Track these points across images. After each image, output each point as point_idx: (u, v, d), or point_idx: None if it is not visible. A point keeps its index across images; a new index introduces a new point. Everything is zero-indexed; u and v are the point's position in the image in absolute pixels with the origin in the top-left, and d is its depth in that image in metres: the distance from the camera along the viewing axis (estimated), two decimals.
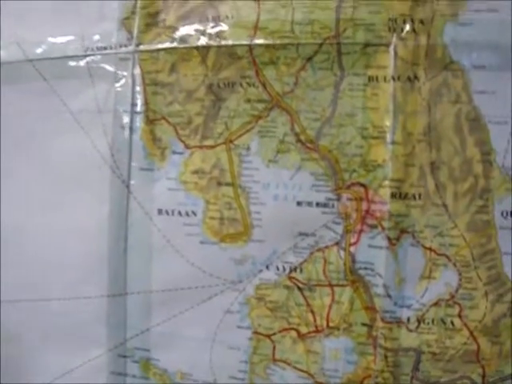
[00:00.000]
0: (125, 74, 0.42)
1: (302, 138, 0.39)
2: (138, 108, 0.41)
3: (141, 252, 0.41)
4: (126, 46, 0.42)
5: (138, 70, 0.41)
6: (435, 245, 0.37)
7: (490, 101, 0.37)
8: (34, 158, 0.44)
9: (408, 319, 0.38)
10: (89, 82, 0.42)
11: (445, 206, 0.37)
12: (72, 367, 0.44)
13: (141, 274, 0.41)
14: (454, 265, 0.37)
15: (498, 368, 0.37)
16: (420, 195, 0.37)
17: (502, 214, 0.37)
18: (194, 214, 0.40)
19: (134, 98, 0.42)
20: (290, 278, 0.39)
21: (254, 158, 0.40)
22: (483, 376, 0.37)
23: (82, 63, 0.42)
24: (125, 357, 0.42)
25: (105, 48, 0.42)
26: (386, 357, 0.38)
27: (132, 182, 0.42)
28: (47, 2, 0.44)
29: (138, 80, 0.41)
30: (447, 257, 0.37)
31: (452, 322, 0.37)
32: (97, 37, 0.42)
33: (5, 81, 0.44)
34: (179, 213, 0.41)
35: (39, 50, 0.43)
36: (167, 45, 0.41)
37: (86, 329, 0.43)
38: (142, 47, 0.41)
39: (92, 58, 0.42)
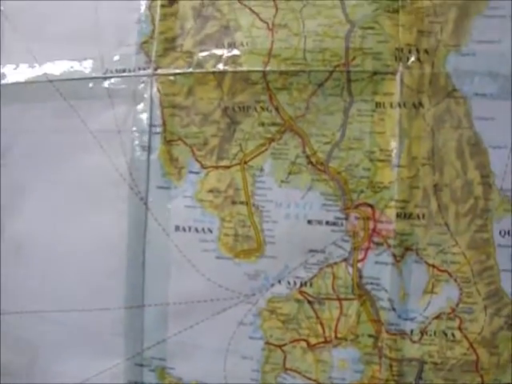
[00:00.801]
0: (143, 96, 0.43)
1: (313, 160, 0.41)
2: (156, 129, 0.43)
3: (158, 266, 0.43)
4: (144, 69, 0.43)
5: (156, 93, 0.43)
6: (437, 262, 0.40)
7: (489, 127, 0.39)
8: (55, 176, 0.45)
9: (411, 331, 0.40)
10: (108, 102, 0.44)
11: (447, 225, 0.39)
12: (89, 376, 0.45)
13: (158, 287, 0.43)
14: (455, 280, 0.39)
15: (496, 377, 0.39)
16: (424, 215, 0.40)
17: (500, 233, 0.39)
18: (210, 230, 0.42)
19: (152, 119, 0.43)
20: (301, 292, 0.41)
21: (267, 178, 0.41)
22: None
23: (102, 85, 0.44)
24: (142, 366, 0.44)
25: (124, 71, 0.44)
26: (390, 366, 0.40)
27: (150, 200, 0.43)
28: (68, 26, 0.45)
29: (156, 102, 0.43)
30: (449, 273, 0.40)
31: (453, 334, 0.39)
32: (116, 59, 0.44)
33: (26, 100, 0.46)
34: (196, 229, 0.43)
35: (60, 72, 0.45)
36: (184, 69, 0.43)
37: (103, 339, 0.44)
38: (159, 71, 0.43)
39: (111, 80, 0.44)
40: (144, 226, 0.43)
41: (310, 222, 0.41)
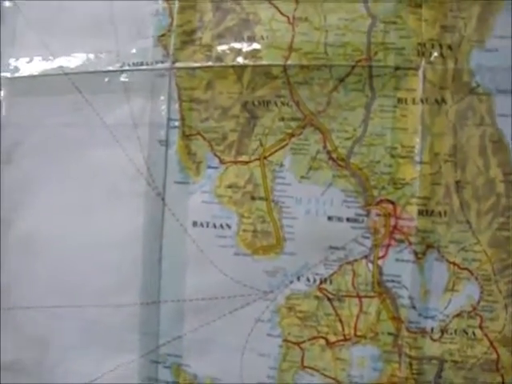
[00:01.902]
0: (161, 89, 0.42)
1: (334, 155, 0.40)
2: (174, 123, 0.42)
3: (175, 262, 0.42)
4: (162, 62, 0.42)
5: (174, 87, 0.42)
6: (459, 259, 0.39)
7: None
8: (69, 170, 0.44)
9: (432, 329, 0.39)
10: (124, 96, 0.43)
11: (468, 222, 0.39)
12: (103, 371, 0.44)
13: (174, 283, 0.42)
14: (476, 278, 0.39)
15: None
16: (445, 212, 0.39)
17: None
18: (228, 226, 0.41)
19: (170, 113, 0.42)
20: (320, 289, 0.40)
21: (287, 173, 0.40)
22: None
23: (118, 78, 0.43)
24: (157, 362, 0.43)
25: (141, 64, 0.43)
26: (410, 365, 0.39)
27: (167, 195, 0.42)
28: (83, 18, 0.44)
29: (175, 96, 0.42)
30: (470, 271, 0.39)
31: (473, 333, 0.39)
32: (133, 52, 0.43)
33: (40, 93, 0.45)
34: (214, 225, 0.41)
35: (75, 64, 0.44)
36: (203, 63, 0.42)
37: (118, 335, 0.43)
38: (178, 64, 0.42)
39: (128, 73, 0.43)
40: (161, 222, 0.42)
41: (330, 218, 0.40)
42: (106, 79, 0.43)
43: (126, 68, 0.43)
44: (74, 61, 0.44)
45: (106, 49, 0.43)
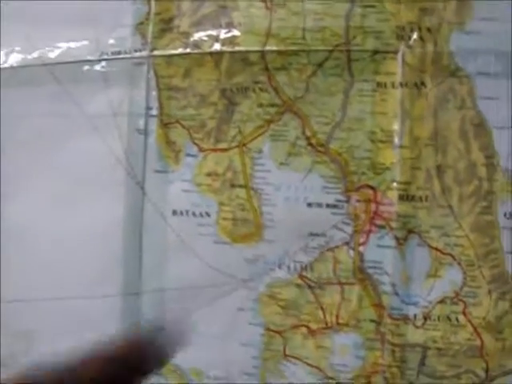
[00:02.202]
0: (140, 78, 0.42)
1: (313, 141, 0.39)
2: (153, 112, 0.41)
3: (156, 252, 0.41)
4: (140, 50, 0.42)
5: (152, 75, 0.41)
6: (441, 245, 0.38)
7: (493, 106, 0.37)
8: (51, 161, 0.43)
9: (415, 316, 0.38)
10: (103, 85, 0.42)
11: (450, 207, 0.38)
12: None
13: (155, 273, 0.41)
14: (459, 264, 0.38)
15: (501, 362, 0.37)
16: (426, 197, 0.38)
17: (505, 215, 0.37)
18: (208, 214, 0.40)
19: (148, 101, 0.41)
20: (301, 277, 0.39)
21: (266, 160, 0.40)
22: (487, 370, 0.37)
23: (97, 67, 0.42)
24: None
25: (119, 53, 0.42)
26: (393, 352, 0.38)
27: (147, 184, 0.42)
28: (62, 8, 0.43)
29: (153, 84, 0.41)
30: (452, 256, 0.38)
31: (457, 319, 0.38)
32: (111, 41, 0.42)
33: (20, 84, 0.44)
34: (193, 214, 0.41)
35: (54, 55, 0.43)
36: (181, 50, 0.41)
37: (102, 327, 0.42)
38: (156, 52, 0.41)
39: (107, 62, 0.42)
40: (141, 211, 0.41)
41: (310, 204, 0.39)
42: (85, 69, 0.42)
43: (105, 57, 0.42)
44: (53, 51, 0.43)
45: (85, 38, 0.42)
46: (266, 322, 0.40)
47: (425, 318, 0.38)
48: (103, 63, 0.42)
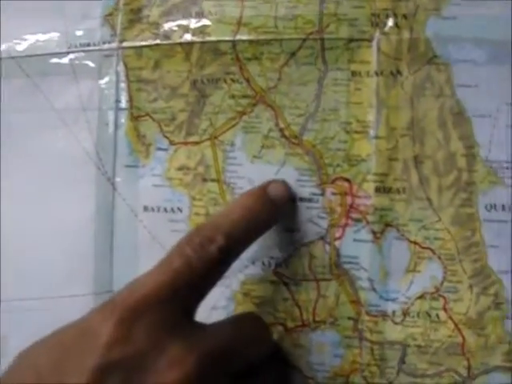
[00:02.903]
0: (109, 70, 0.39)
1: (287, 133, 0.37)
2: (123, 105, 0.39)
3: (127, 249, 0.39)
4: (109, 42, 0.39)
5: (121, 67, 0.39)
6: (420, 238, 0.35)
7: (473, 94, 0.35)
8: (18, 156, 0.41)
9: (393, 312, 0.36)
10: (72, 79, 0.40)
11: (429, 199, 0.35)
12: None
13: (127, 271, 0.39)
14: (439, 258, 0.35)
15: (483, 360, 0.35)
16: (404, 189, 0.35)
17: (486, 207, 0.35)
18: (180, 210, 0.38)
19: (118, 94, 0.39)
20: (276, 273, 0.37)
21: (239, 153, 0.37)
22: (468, 368, 0.35)
23: (65, 60, 0.40)
24: None
25: (88, 45, 0.39)
26: (372, 350, 0.36)
27: (117, 180, 0.39)
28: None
29: (122, 77, 0.39)
30: (432, 250, 0.35)
31: (437, 315, 0.35)
32: (80, 33, 0.40)
33: None
34: (165, 209, 0.38)
35: (22, 47, 0.41)
36: (150, 41, 0.38)
37: None
38: (125, 44, 0.39)
39: (75, 54, 0.40)
40: (111, 208, 0.39)
41: None
42: (54, 62, 0.40)
43: (73, 50, 0.40)
44: (21, 44, 0.40)
45: (54, 30, 0.40)
46: None
47: (404, 315, 0.36)
48: (72, 56, 0.40)
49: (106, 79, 0.39)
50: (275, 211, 0.35)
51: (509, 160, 0.35)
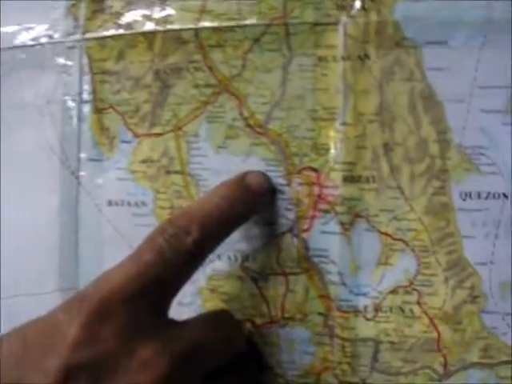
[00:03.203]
0: (72, 63, 0.37)
1: (251, 122, 0.35)
2: (86, 97, 0.37)
3: (92, 245, 0.37)
4: (73, 34, 0.37)
5: (85, 59, 0.37)
6: (391, 229, 0.33)
7: (444, 78, 0.32)
8: None
9: (365, 308, 0.33)
10: (37, 72, 0.38)
11: (400, 188, 0.33)
12: None
13: (92, 268, 0.37)
14: (412, 250, 0.33)
15: (460, 356, 0.32)
16: (373, 178, 0.33)
17: (460, 195, 0.33)
18: (144, 204, 0.36)
19: (81, 87, 0.37)
20: (243, 268, 0.35)
21: (203, 144, 0.35)
22: (445, 365, 0.32)
23: (30, 54, 0.38)
24: None
25: (52, 37, 0.38)
26: (343, 347, 0.34)
27: (81, 173, 0.37)
28: None
29: (86, 69, 0.37)
30: (404, 242, 0.33)
31: (411, 310, 0.33)
32: (44, 26, 0.38)
33: None
34: (128, 203, 0.36)
35: None
36: (113, 32, 0.37)
37: None
38: (88, 35, 0.37)
39: (40, 47, 0.38)
40: (76, 203, 0.37)
41: None
42: (18, 55, 0.38)
43: (38, 42, 0.38)
44: None
45: (18, 23, 0.39)
46: None
47: (376, 310, 0.33)
48: (36, 48, 0.38)
49: (70, 72, 0.37)
50: (253, 202, 0.33)
51: (483, 146, 0.33)
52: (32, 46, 0.38)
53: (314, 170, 0.34)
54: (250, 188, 0.33)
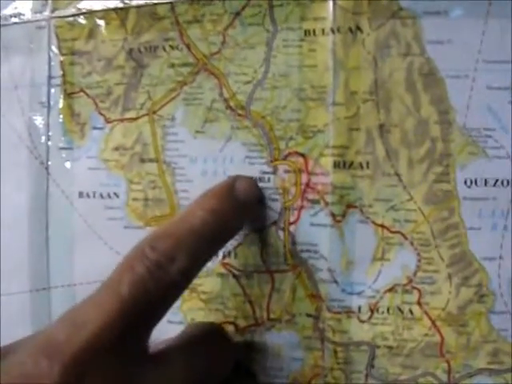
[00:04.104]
0: (41, 44, 0.33)
1: (232, 103, 0.30)
2: (56, 81, 0.33)
3: (63, 241, 0.33)
4: (41, 12, 0.34)
5: (54, 39, 0.33)
6: (388, 221, 0.29)
7: (446, 51, 0.28)
8: None
9: (359, 308, 0.29)
10: (4, 55, 0.34)
11: (398, 175, 0.29)
12: None
13: (63, 265, 0.33)
14: (412, 243, 0.28)
15: (466, 362, 0.28)
16: (368, 164, 0.29)
17: (465, 182, 0.28)
18: (116, 195, 0.32)
19: (50, 70, 0.33)
20: (224, 265, 0.30)
21: (180, 129, 0.31)
22: (449, 372, 0.28)
23: None
24: None
25: (18, 16, 0.34)
26: (335, 352, 0.29)
27: (51, 163, 0.33)
28: None
29: (55, 50, 0.33)
30: (403, 234, 0.29)
31: (410, 311, 0.28)
32: (11, 5, 0.34)
33: None
34: (100, 195, 0.32)
35: None
36: (83, 8, 0.33)
37: (10, 327, 0.34)
38: (57, 13, 0.33)
39: (6, 28, 0.34)
40: (46, 195, 0.33)
41: None
42: None
43: (4, 22, 0.34)
44: None
45: None
46: (187, 320, 0.31)
47: (371, 311, 0.29)
48: (2, 30, 0.34)
49: (38, 54, 0.33)
50: (244, 214, 0.29)
51: (490, 127, 0.28)
52: None
53: (302, 155, 0.29)
54: (240, 198, 0.28)
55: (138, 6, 0.31)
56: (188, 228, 0.26)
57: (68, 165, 0.33)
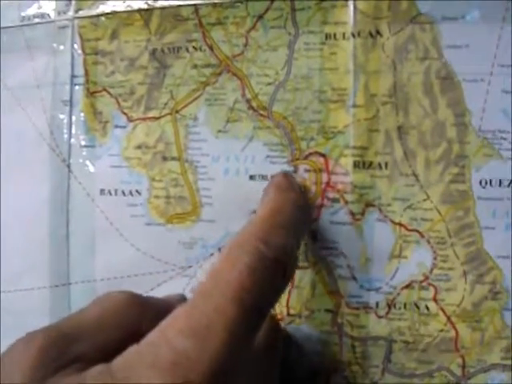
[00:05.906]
0: (64, 43, 0.32)
1: (254, 104, 0.29)
2: (79, 80, 0.32)
3: (83, 238, 0.31)
4: (64, 12, 0.32)
5: (77, 39, 0.32)
6: (405, 219, 0.28)
7: (463, 56, 0.27)
8: None
9: (377, 304, 0.28)
10: (27, 54, 0.32)
11: (415, 175, 0.28)
12: None
13: (84, 261, 0.31)
14: (428, 242, 0.28)
15: (480, 357, 0.27)
16: (386, 164, 0.28)
17: (480, 182, 0.27)
18: (139, 192, 0.31)
19: (73, 69, 0.32)
20: None
21: (202, 128, 0.30)
22: (463, 366, 0.27)
23: (19, 34, 0.33)
24: None
25: (42, 16, 0.33)
26: (353, 347, 0.28)
27: (72, 161, 0.32)
28: None
29: (78, 49, 0.32)
30: (419, 233, 0.28)
31: (427, 307, 0.28)
32: (33, 5, 0.33)
33: None
34: (122, 192, 0.31)
35: None
36: (107, 9, 0.31)
37: (29, 322, 0.33)
38: (81, 13, 0.32)
39: (29, 28, 0.33)
40: (67, 192, 0.32)
41: (252, 177, 0.29)
42: (7, 37, 0.33)
43: (27, 23, 0.33)
44: None
45: (5, 3, 0.34)
46: None
47: (389, 307, 0.28)
48: (25, 29, 0.33)
49: (61, 53, 0.32)
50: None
51: (505, 129, 0.27)
52: (20, 26, 0.33)
53: (322, 155, 0.28)
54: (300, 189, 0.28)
55: (162, 8, 0.30)
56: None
57: (90, 162, 0.31)
